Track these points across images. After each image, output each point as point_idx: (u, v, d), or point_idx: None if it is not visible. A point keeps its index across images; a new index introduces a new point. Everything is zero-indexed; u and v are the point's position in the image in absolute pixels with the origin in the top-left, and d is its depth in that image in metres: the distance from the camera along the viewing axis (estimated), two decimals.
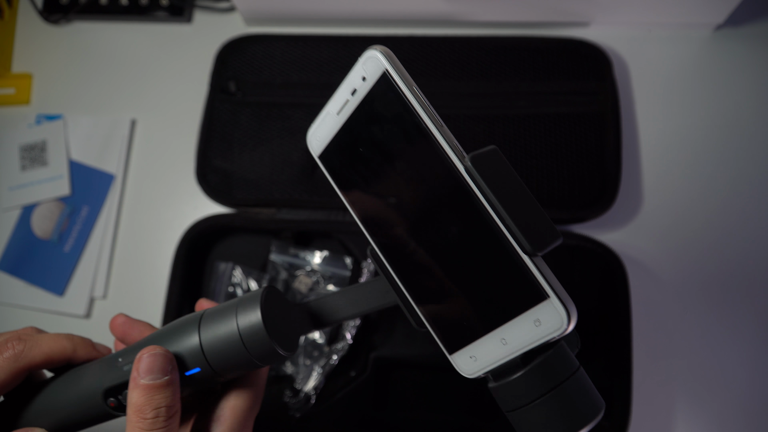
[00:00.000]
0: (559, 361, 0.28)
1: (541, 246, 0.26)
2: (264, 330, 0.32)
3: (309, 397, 0.54)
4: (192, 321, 0.34)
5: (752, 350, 0.55)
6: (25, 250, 0.63)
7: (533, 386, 0.28)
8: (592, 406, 0.29)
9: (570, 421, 0.28)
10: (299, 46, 0.62)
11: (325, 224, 0.57)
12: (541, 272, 0.26)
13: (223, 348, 0.32)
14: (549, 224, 0.26)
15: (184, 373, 0.33)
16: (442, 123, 0.28)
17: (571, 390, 0.28)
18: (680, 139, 0.60)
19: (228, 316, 0.33)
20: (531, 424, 0.28)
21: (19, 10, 0.71)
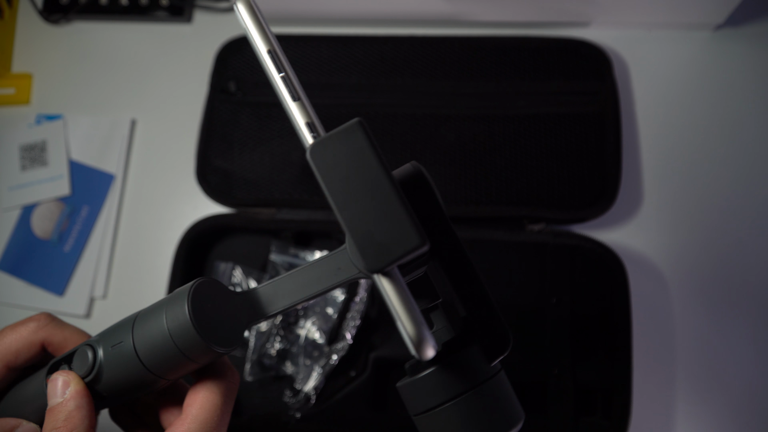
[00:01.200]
0: (470, 365, 0.24)
1: (376, 263, 0.21)
2: (193, 328, 0.30)
3: (309, 397, 0.54)
4: (128, 321, 0.32)
5: (752, 350, 0.55)
6: (25, 250, 0.63)
7: (439, 389, 0.24)
8: (508, 418, 0.25)
9: (482, 431, 0.25)
10: (299, 46, 0.62)
11: (325, 224, 0.57)
12: (386, 290, 0.22)
13: (155, 349, 0.31)
14: (402, 230, 0.21)
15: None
16: (299, 93, 0.24)
17: (483, 397, 0.25)
18: (680, 139, 0.60)
19: (158, 316, 0.31)
20: (439, 430, 0.25)
21: (19, 10, 0.71)
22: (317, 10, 0.64)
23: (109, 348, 0.32)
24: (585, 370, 0.53)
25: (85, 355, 0.32)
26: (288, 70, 0.25)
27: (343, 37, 0.62)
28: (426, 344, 0.22)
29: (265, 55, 0.25)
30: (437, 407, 0.25)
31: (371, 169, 0.22)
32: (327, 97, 0.60)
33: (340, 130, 0.22)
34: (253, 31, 0.25)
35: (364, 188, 0.22)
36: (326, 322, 0.55)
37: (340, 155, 0.22)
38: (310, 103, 0.24)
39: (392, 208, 0.22)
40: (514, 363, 0.53)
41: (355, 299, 0.55)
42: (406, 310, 0.23)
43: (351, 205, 0.22)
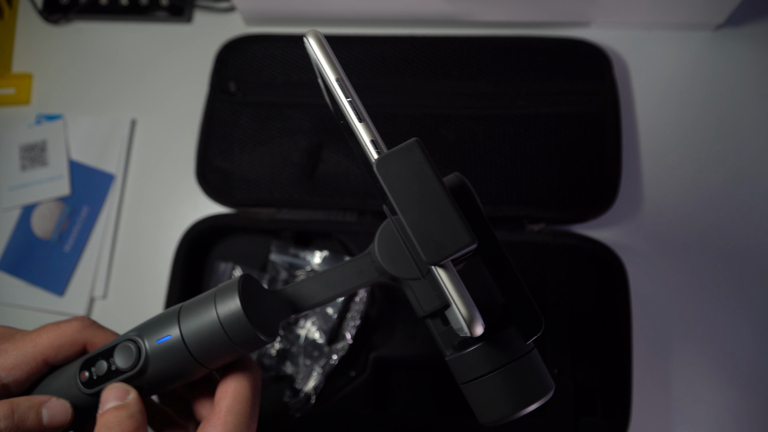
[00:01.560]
0: (509, 343, 0.30)
1: (434, 257, 0.26)
2: (244, 316, 0.32)
3: (309, 397, 0.54)
4: (171, 314, 0.34)
5: (752, 350, 0.55)
6: (25, 250, 0.63)
7: (485, 361, 0.30)
8: (541, 387, 0.30)
9: (518, 396, 0.30)
10: (299, 46, 0.62)
11: (325, 224, 0.57)
12: (444, 279, 0.27)
13: (204, 337, 0.33)
14: (455, 230, 0.26)
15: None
16: (365, 115, 0.28)
17: (521, 370, 0.30)
18: (680, 139, 0.60)
19: (207, 306, 0.33)
20: (482, 396, 0.30)
21: (19, 10, 0.71)
22: (317, 10, 0.64)
23: (154, 342, 0.34)
24: (585, 370, 0.53)
25: (129, 349, 0.34)
26: (354, 95, 0.28)
27: (343, 37, 0.62)
28: (477, 323, 0.27)
29: (335, 83, 0.29)
30: (482, 376, 0.30)
31: (428, 180, 0.26)
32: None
33: (401, 148, 0.27)
34: (323, 61, 0.29)
35: (422, 196, 0.26)
36: (326, 322, 0.55)
37: (402, 168, 0.26)
38: (373, 124, 0.28)
39: (447, 212, 0.26)
40: None
41: (355, 299, 0.55)
42: (460, 295, 0.27)
43: (412, 210, 0.26)
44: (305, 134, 0.59)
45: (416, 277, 0.34)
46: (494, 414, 0.30)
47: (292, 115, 0.60)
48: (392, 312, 0.56)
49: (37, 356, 0.36)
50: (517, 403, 0.30)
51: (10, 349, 0.35)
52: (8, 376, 0.35)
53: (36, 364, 0.36)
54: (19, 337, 0.36)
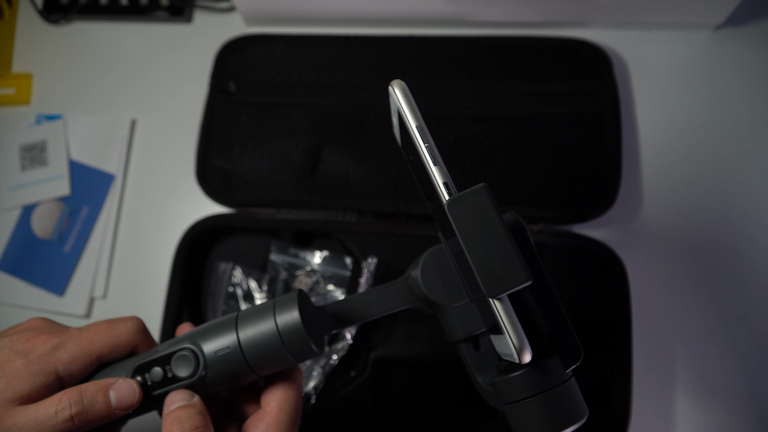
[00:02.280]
0: (550, 371, 0.32)
1: (494, 292, 0.29)
2: (302, 327, 0.35)
3: (309, 397, 0.54)
4: (229, 320, 0.36)
5: (752, 350, 0.55)
6: (25, 250, 0.63)
7: (528, 386, 0.32)
8: (577, 412, 0.33)
9: (556, 420, 0.32)
10: (299, 46, 0.62)
11: (325, 224, 0.57)
12: (500, 311, 0.29)
13: (260, 344, 0.35)
14: (514, 268, 0.29)
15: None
16: (439, 159, 0.31)
17: (560, 395, 0.32)
18: (680, 139, 0.60)
19: (266, 315, 0.36)
20: (523, 418, 0.32)
21: (19, 10, 0.71)
22: (317, 10, 0.64)
23: (212, 351, 0.35)
24: (585, 370, 0.53)
25: (188, 359, 0.35)
26: (431, 141, 0.31)
27: (343, 37, 0.62)
28: (526, 351, 0.30)
29: (415, 130, 0.32)
30: (525, 399, 0.32)
31: (493, 221, 0.29)
32: (327, 97, 0.60)
33: (471, 191, 0.30)
34: (406, 109, 0.32)
35: (487, 235, 0.29)
36: None
37: (470, 209, 0.29)
38: (445, 167, 0.31)
39: (508, 251, 0.29)
40: None
41: None
42: (513, 326, 0.29)
43: (478, 247, 0.29)
44: (305, 134, 0.59)
45: (459, 303, 0.37)
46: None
47: (292, 115, 0.60)
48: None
49: (93, 354, 0.37)
50: (554, 426, 0.32)
51: (68, 344, 0.37)
52: (64, 370, 0.36)
53: (91, 360, 0.37)
54: (76, 334, 0.37)
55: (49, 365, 0.35)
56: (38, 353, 0.36)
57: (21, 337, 0.37)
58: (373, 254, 0.56)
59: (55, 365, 0.36)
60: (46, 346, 0.36)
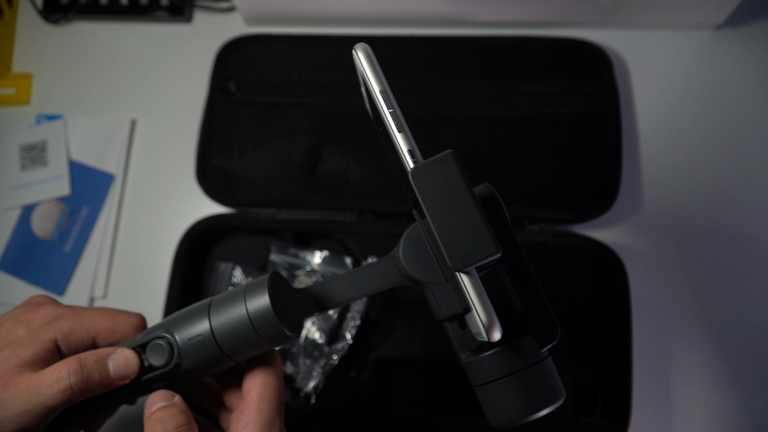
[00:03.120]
0: (525, 350, 0.31)
1: (460, 265, 0.27)
2: (273, 312, 0.34)
3: (309, 397, 0.54)
4: (201, 307, 0.36)
5: (752, 350, 0.55)
6: (25, 250, 0.63)
7: (500, 366, 0.31)
8: (553, 393, 0.31)
9: (530, 402, 0.31)
10: (299, 46, 0.62)
11: (325, 224, 0.57)
12: (467, 286, 0.28)
13: (233, 331, 0.35)
14: (482, 240, 0.27)
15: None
16: (404, 125, 0.30)
17: (534, 376, 0.31)
18: (680, 139, 0.60)
19: (237, 301, 0.35)
20: (495, 400, 0.31)
21: (19, 10, 0.71)
22: (317, 10, 0.64)
23: (186, 339, 0.36)
24: (585, 370, 0.53)
25: (162, 348, 0.36)
26: (395, 106, 0.30)
27: (343, 37, 0.62)
28: (495, 328, 0.28)
29: (379, 94, 0.30)
30: (496, 380, 0.31)
31: (460, 190, 0.27)
32: (327, 97, 0.60)
33: (437, 158, 0.28)
34: (369, 73, 0.30)
35: (453, 205, 0.27)
36: (326, 322, 0.55)
37: (436, 177, 0.28)
38: (411, 135, 0.30)
39: (475, 222, 0.27)
40: None
41: None
42: (481, 301, 0.27)
43: (442, 218, 0.27)
44: (305, 134, 0.59)
45: (439, 281, 0.35)
46: (505, 417, 0.31)
47: (292, 115, 0.60)
48: (392, 312, 0.56)
49: (91, 331, 0.38)
50: (528, 408, 0.31)
51: (69, 316, 0.38)
52: (63, 339, 0.37)
53: (89, 337, 0.38)
54: (79, 309, 0.39)
55: (49, 333, 0.37)
56: (40, 322, 0.37)
57: (24, 310, 0.39)
58: (373, 254, 0.56)
59: (54, 333, 0.37)
60: (47, 316, 0.38)
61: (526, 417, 0.31)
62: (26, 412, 0.34)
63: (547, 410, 0.31)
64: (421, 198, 0.28)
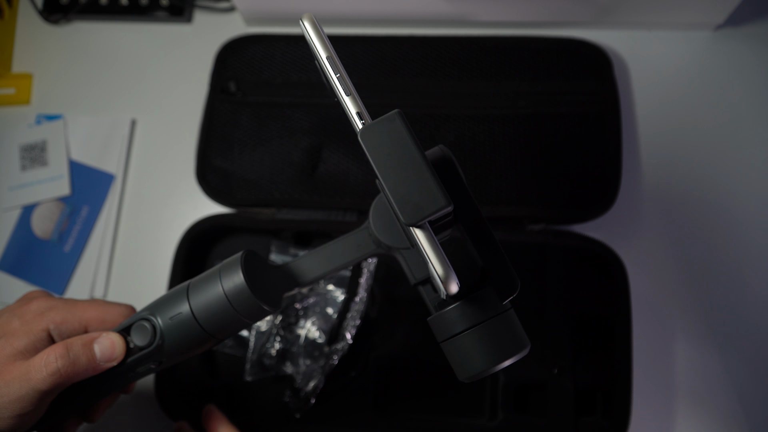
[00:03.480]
0: (485, 302, 0.31)
1: (412, 219, 0.28)
2: (248, 290, 0.35)
3: (309, 397, 0.54)
4: (180, 292, 0.37)
5: (752, 350, 0.55)
6: (25, 250, 0.63)
7: (461, 319, 0.31)
8: (516, 344, 0.32)
9: (494, 353, 0.31)
10: (299, 46, 0.62)
11: (325, 224, 0.57)
12: (421, 240, 0.28)
13: (213, 312, 0.36)
14: (432, 194, 0.27)
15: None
16: (352, 89, 0.30)
17: (496, 327, 0.32)
18: (680, 138, 0.60)
19: (213, 282, 0.36)
20: (459, 353, 0.32)
21: (19, 10, 0.71)
22: (317, 10, 0.64)
23: (167, 319, 0.37)
24: (585, 370, 0.53)
25: (145, 328, 0.37)
26: (342, 71, 0.31)
27: (344, 37, 0.62)
28: (451, 280, 0.28)
29: (325, 60, 0.31)
30: (459, 333, 0.31)
31: (408, 147, 0.28)
32: (327, 97, 0.60)
33: (384, 118, 0.29)
34: (315, 40, 0.31)
35: (402, 162, 0.28)
36: (326, 322, 0.55)
37: (384, 137, 0.28)
38: (359, 97, 0.30)
39: (424, 177, 0.28)
40: (515, 363, 0.53)
41: (355, 299, 0.55)
42: (437, 255, 0.28)
43: (392, 175, 0.28)
44: (305, 134, 0.59)
45: (406, 246, 0.36)
46: (470, 369, 0.32)
47: (292, 115, 0.60)
48: (392, 312, 0.56)
49: (82, 322, 0.40)
50: (492, 358, 0.31)
51: (61, 307, 0.40)
52: (55, 329, 0.39)
53: (80, 327, 0.40)
54: (70, 301, 0.41)
55: (41, 323, 0.39)
56: (33, 313, 0.39)
57: (19, 303, 0.41)
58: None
59: (47, 324, 0.39)
60: (40, 308, 0.40)
61: (491, 367, 0.31)
62: (20, 397, 0.35)
63: (511, 360, 0.32)
64: (371, 157, 0.28)
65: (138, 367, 0.39)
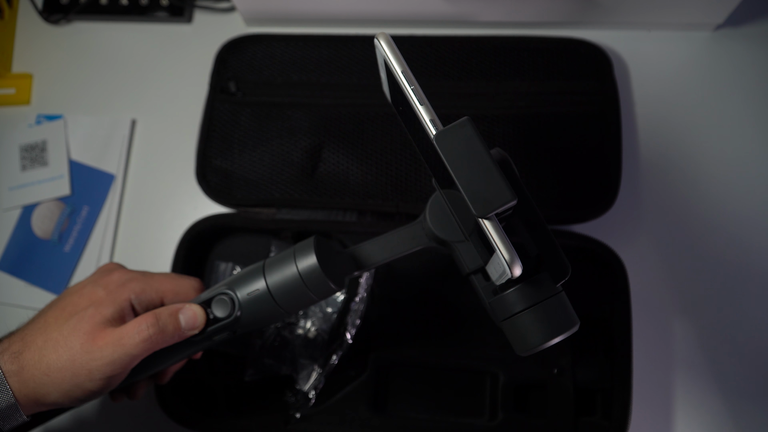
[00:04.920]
0: (541, 285, 0.35)
1: (483, 211, 0.32)
2: (320, 269, 0.40)
3: (309, 397, 0.54)
4: (256, 270, 0.42)
5: (752, 350, 0.55)
6: (25, 250, 0.63)
7: (521, 300, 0.35)
8: (568, 322, 0.36)
9: (549, 329, 0.35)
10: (299, 46, 0.62)
11: (325, 224, 0.57)
12: (489, 229, 0.32)
13: (287, 288, 0.41)
14: (499, 189, 0.32)
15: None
16: (425, 99, 0.34)
17: (551, 306, 0.35)
18: (680, 138, 0.60)
19: (288, 262, 0.41)
20: (519, 330, 0.36)
21: (19, 10, 0.71)
22: (317, 10, 0.64)
23: (245, 294, 0.41)
24: (585, 370, 0.53)
25: (225, 302, 0.42)
26: (416, 83, 0.35)
27: (343, 37, 0.62)
28: (516, 264, 0.32)
29: (401, 74, 0.35)
30: (520, 312, 0.35)
31: (478, 150, 0.32)
32: (327, 97, 0.60)
33: (456, 124, 0.33)
34: (392, 57, 0.35)
35: (472, 162, 0.32)
36: (326, 322, 0.55)
37: (456, 141, 0.32)
38: (431, 106, 0.34)
39: (493, 175, 0.32)
40: (515, 363, 0.53)
41: (355, 299, 0.55)
42: (503, 241, 0.32)
43: (465, 174, 0.32)
44: (305, 134, 0.59)
45: (461, 239, 0.40)
46: (528, 344, 0.35)
47: (292, 115, 0.60)
48: (392, 312, 0.56)
49: (159, 293, 0.44)
50: (549, 333, 0.35)
51: (140, 279, 0.44)
52: (136, 299, 0.43)
53: (157, 298, 0.43)
54: (148, 273, 0.45)
55: (124, 293, 0.42)
56: (115, 284, 0.43)
57: (101, 274, 0.45)
58: None
59: (129, 294, 0.42)
60: (121, 279, 0.43)
61: (547, 342, 0.35)
62: (113, 361, 0.39)
63: (563, 336, 0.35)
64: (445, 158, 0.32)
65: (215, 336, 0.43)
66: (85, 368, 0.39)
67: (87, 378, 0.39)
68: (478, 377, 0.55)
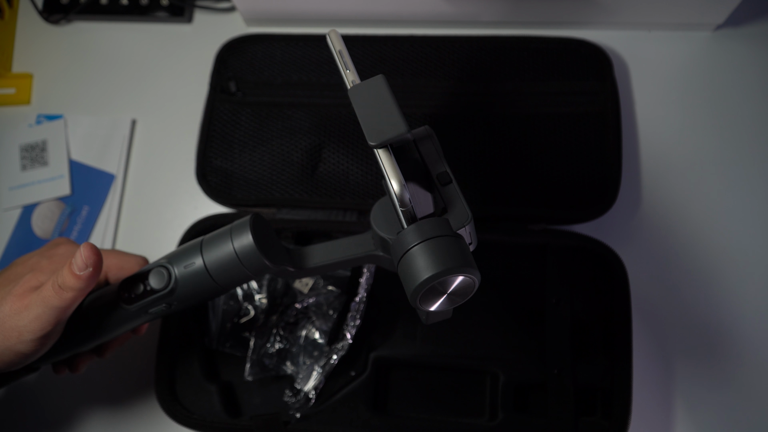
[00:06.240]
0: (438, 225, 0.35)
1: (376, 140, 0.34)
2: (255, 248, 0.40)
3: (309, 397, 0.54)
4: (194, 246, 0.43)
5: (752, 350, 0.55)
6: (25, 249, 0.63)
7: (415, 236, 0.35)
8: (466, 263, 0.34)
9: (438, 264, 0.33)
10: (299, 46, 0.62)
11: (325, 224, 0.57)
12: (382, 159, 0.35)
13: (222, 265, 0.41)
14: (394, 121, 0.34)
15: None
16: (350, 67, 0.38)
17: (445, 244, 0.34)
18: (680, 139, 0.60)
19: (224, 238, 0.42)
20: (410, 269, 0.34)
21: (19, 10, 0.71)
22: (317, 10, 0.64)
23: (182, 267, 0.42)
24: (585, 370, 0.53)
25: (162, 274, 0.42)
26: (344, 51, 0.39)
27: (343, 37, 0.62)
28: (404, 191, 0.34)
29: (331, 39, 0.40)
30: (411, 248, 0.35)
31: (384, 95, 0.35)
32: (327, 97, 0.60)
33: (370, 79, 0.36)
34: (335, 41, 0.40)
35: (376, 103, 0.35)
36: (326, 322, 0.55)
37: (367, 92, 0.36)
38: (355, 69, 0.38)
39: (391, 110, 0.35)
40: (515, 363, 0.53)
41: (355, 299, 0.55)
42: (394, 172, 0.35)
43: (366, 111, 0.35)
44: (305, 134, 0.59)
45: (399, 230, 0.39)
46: (417, 278, 0.34)
47: (292, 115, 0.60)
48: (392, 312, 0.56)
49: (104, 268, 0.45)
50: (439, 267, 0.33)
51: None
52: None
53: (102, 274, 0.45)
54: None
55: (66, 264, 0.42)
56: (60, 256, 0.45)
57: (48, 247, 0.47)
58: None
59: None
60: (66, 252, 0.46)
61: (433, 274, 0.33)
62: (38, 316, 0.40)
63: (457, 277, 0.34)
64: (354, 104, 0.35)
65: (151, 308, 0.43)
66: (15, 329, 0.40)
67: (17, 340, 0.40)
68: (478, 377, 0.55)
